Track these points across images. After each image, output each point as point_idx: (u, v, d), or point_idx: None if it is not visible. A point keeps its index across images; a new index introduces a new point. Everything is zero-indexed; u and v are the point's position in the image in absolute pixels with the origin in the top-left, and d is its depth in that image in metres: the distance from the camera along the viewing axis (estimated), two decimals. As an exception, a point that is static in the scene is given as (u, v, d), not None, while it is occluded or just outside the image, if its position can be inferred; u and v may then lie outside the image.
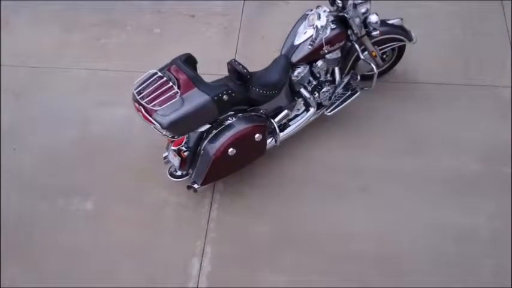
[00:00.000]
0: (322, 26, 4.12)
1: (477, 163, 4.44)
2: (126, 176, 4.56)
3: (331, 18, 4.21)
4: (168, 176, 4.25)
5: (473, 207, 4.23)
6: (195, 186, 4.14)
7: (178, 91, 3.79)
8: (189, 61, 4.02)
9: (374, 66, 4.45)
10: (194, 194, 4.32)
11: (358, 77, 4.55)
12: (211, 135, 4.03)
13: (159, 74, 3.87)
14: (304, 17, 4.36)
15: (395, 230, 4.17)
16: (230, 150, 4.00)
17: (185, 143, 4.08)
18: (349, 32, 4.37)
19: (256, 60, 4.46)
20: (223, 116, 4.05)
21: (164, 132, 3.90)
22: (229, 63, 4.08)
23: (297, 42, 4.30)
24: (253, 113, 4.18)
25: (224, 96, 3.88)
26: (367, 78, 4.67)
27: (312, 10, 4.30)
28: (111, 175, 4.58)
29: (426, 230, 4.15)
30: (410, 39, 4.64)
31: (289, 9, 5.35)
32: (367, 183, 4.40)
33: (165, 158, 4.30)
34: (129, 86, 3.91)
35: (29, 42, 5.51)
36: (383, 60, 4.72)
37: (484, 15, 5.37)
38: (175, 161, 4.14)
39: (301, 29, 4.33)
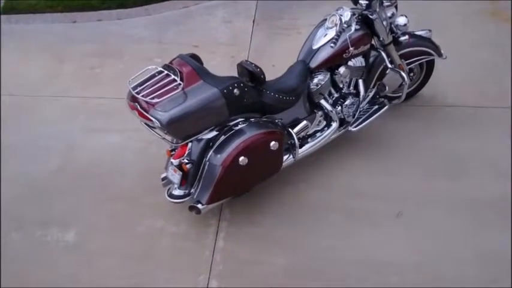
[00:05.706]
0: (345, 22, 3.63)
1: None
2: (115, 204, 3.94)
3: (355, 17, 3.72)
4: (167, 197, 3.57)
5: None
6: (199, 206, 3.46)
7: (182, 83, 3.22)
8: (195, 59, 3.48)
9: (405, 75, 3.91)
10: (196, 223, 3.73)
11: (387, 88, 3.97)
12: (218, 142, 3.41)
13: (159, 68, 3.33)
14: (323, 23, 3.89)
15: (438, 260, 3.47)
16: (241, 158, 3.35)
17: (187, 155, 3.46)
18: (373, 41, 3.89)
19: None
20: (233, 123, 3.46)
21: (164, 134, 3.30)
22: (240, 64, 3.55)
23: (315, 47, 3.78)
24: (268, 120, 3.59)
25: (235, 90, 3.29)
26: (391, 100, 4.16)
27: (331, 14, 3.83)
28: (98, 204, 3.96)
29: (475, 259, 3.45)
30: (439, 54, 4.15)
31: (302, 39, 4.89)
32: (401, 207, 3.74)
33: (164, 179, 3.67)
34: (123, 113, 3.34)
35: (17, 72, 5.10)
36: (410, 79, 4.21)
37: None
38: (176, 177, 3.49)
39: (319, 33, 3.83)
